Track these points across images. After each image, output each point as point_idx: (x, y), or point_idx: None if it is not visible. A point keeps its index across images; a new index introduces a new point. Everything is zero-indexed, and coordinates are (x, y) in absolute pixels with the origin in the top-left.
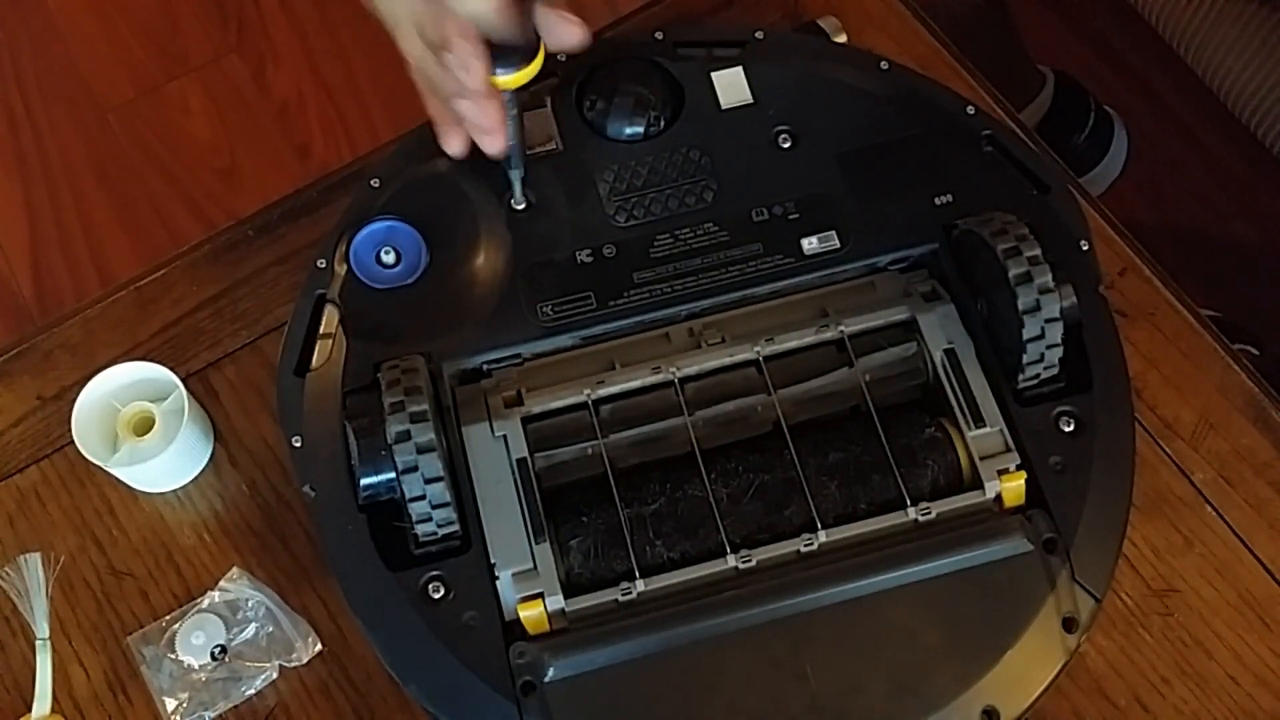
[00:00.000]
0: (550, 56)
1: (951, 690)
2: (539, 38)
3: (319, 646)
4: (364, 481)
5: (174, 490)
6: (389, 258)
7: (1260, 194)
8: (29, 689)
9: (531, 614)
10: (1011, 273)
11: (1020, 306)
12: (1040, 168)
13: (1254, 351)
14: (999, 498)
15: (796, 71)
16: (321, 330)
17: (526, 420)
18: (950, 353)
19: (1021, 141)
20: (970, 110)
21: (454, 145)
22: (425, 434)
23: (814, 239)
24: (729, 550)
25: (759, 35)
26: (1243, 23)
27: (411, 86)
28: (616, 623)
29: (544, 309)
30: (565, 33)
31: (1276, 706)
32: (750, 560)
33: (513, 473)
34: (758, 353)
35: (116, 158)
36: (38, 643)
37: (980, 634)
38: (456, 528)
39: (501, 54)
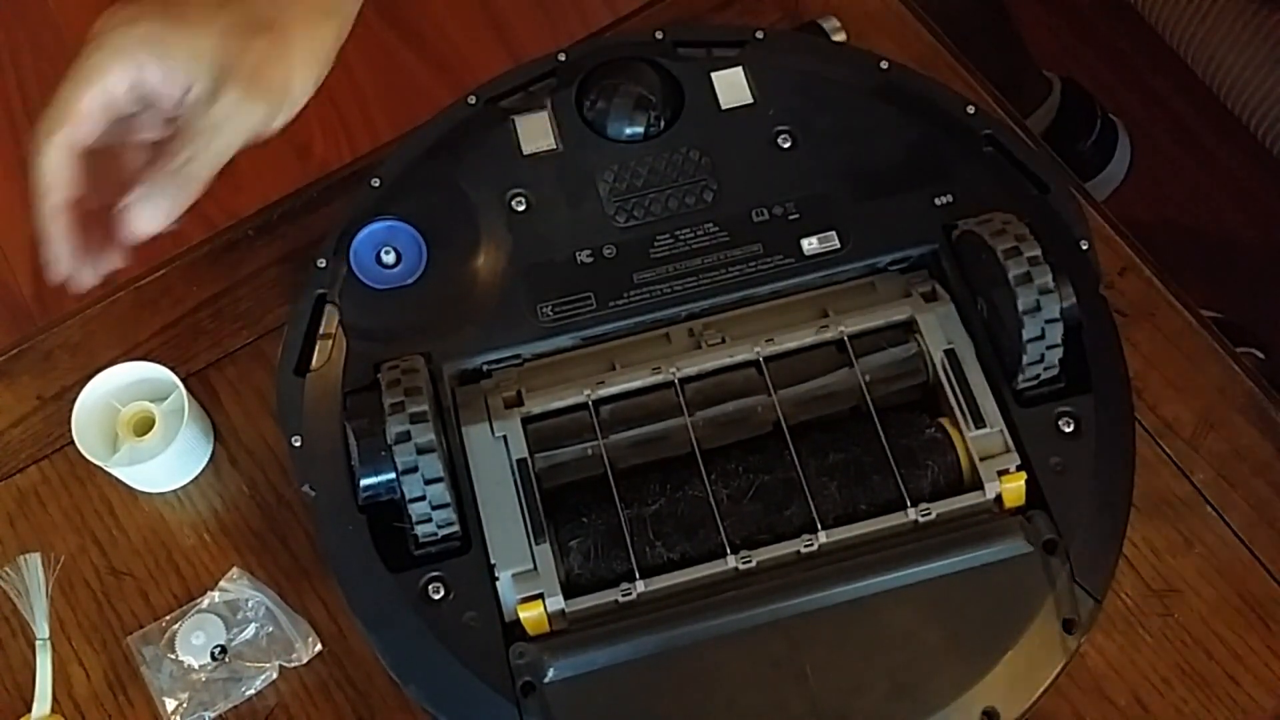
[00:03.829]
0: (552, 56)
1: (951, 691)
2: None
3: (319, 646)
4: (364, 482)
5: (174, 490)
6: (389, 258)
7: (1261, 194)
8: (29, 689)
9: (531, 614)
10: (1011, 273)
11: (1020, 307)
12: (1040, 168)
13: (1259, 355)
14: (999, 498)
15: (796, 71)
16: (321, 330)
17: (527, 421)
18: (950, 353)
19: (1021, 141)
20: (970, 110)
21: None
22: (425, 435)
23: (814, 239)
24: (729, 551)
25: (759, 35)
26: (1243, 23)
27: (412, 86)
28: (616, 623)
29: (544, 309)
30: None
31: (1276, 706)
32: (750, 561)
33: (513, 473)
34: (758, 353)
35: None
36: (38, 643)
37: (980, 635)
38: (456, 528)
39: None
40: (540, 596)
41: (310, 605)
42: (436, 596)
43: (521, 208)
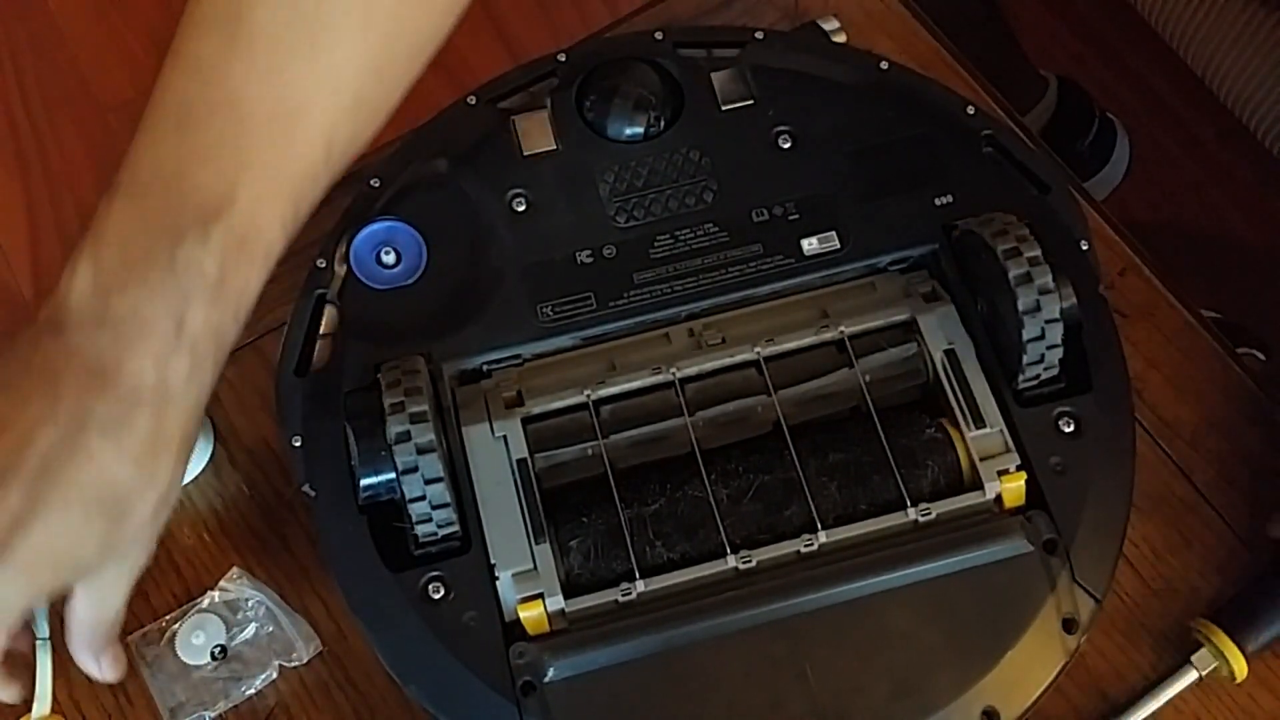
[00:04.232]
0: (552, 56)
1: (951, 691)
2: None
3: (319, 646)
4: (364, 482)
5: None
6: (389, 258)
7: (1261, 194)
8: (29, 689)
9: (531, 614)
10: (1012, 273)
11: (1020, 307)
12: (1040, 168)
13: (1260, 356)
14: (999, 498)
15: (796, 71)
16: (321, 330)
17: (527, 421)
18: (950, 353)
19: (1021, 141)
20: (970, 110)
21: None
22: (425, 435)
23: (814, 239)
24: (729, 551)
25: (759, 35)
26: (1243, 22)
27: (412, 86)
28: (616, 623)
29: (544, 309)
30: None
31: (1276, 706)
32: (750, 561)
33: (513, 473)
34: (758, 353)
35: (116, 158)
36: (38, 643)
37: (980, 635)
38: (457, 528)
39: None
40: (540, 596)
41: (310, 605)
42: (436, 596)
43: (521, 208)
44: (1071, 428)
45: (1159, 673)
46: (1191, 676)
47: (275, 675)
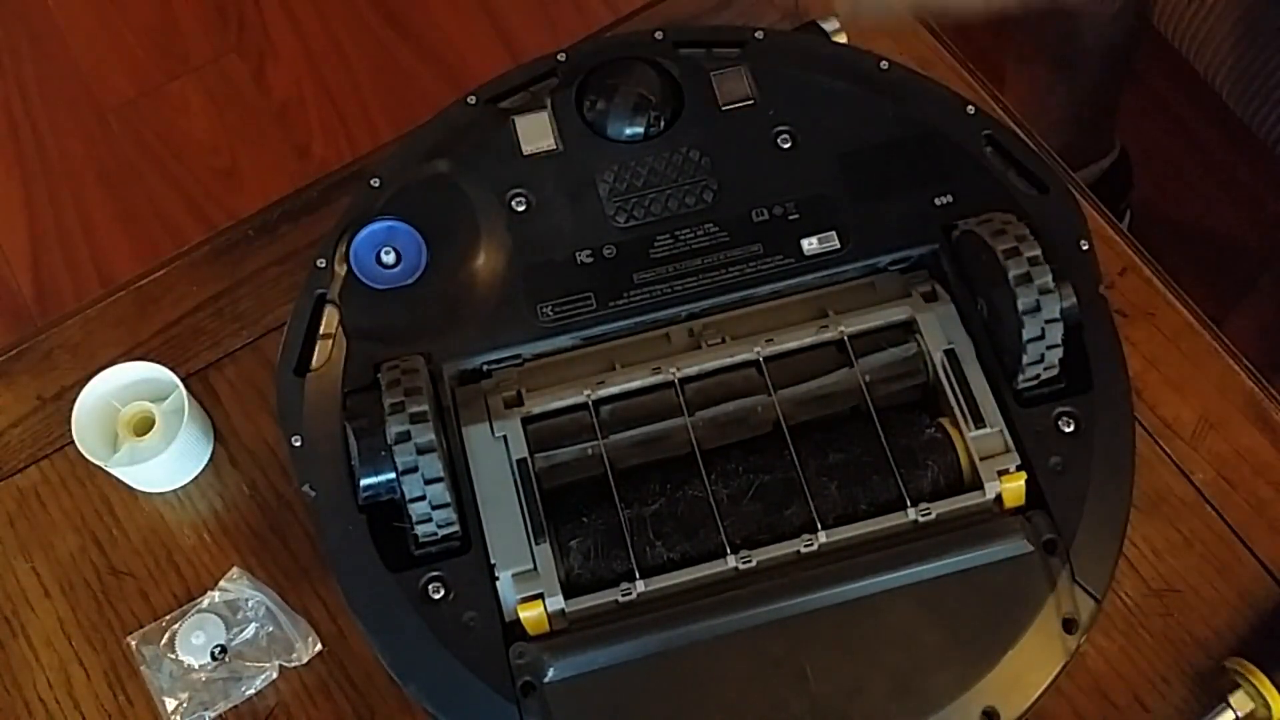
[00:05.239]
0: (552, 56)
1: (951, 691)
2: None
3: (319, 646)
4: (364, 482)
5: (174, 490)
6: (389, 258)
7: (1261, 194)
8: (29, 689)
9: (531, 614)
10: (1011, 273)
11: (1020, 307)
12: (1040, 168)
13: None
14: (999, 498)
15: (796, 71)
16: (321, 330)
17: (526, 421)
18: (950, 353)
19: (1021, 141)
20: (970, 110)
21: None
22: (425, 435)
23: (814, 239)
24: (729, 551)
25: (759, 35)
26: (1245, 23)
27: (412, 86)
28: (616, 623)
29: (544, 309)
30: None
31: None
32: (750, 561)
33: (513, 473)
34: (758, 353)
35: (116, 158)
36: None
37: (980, 635)
38: (456, 528)
39: None
40: (540, 596)
41: (310, 605)
42: (436, 596)
43: (521, 208)
44: (1071, 428)
45: (1158, 671)
46: (1228, 718)
47: (275, 675)
